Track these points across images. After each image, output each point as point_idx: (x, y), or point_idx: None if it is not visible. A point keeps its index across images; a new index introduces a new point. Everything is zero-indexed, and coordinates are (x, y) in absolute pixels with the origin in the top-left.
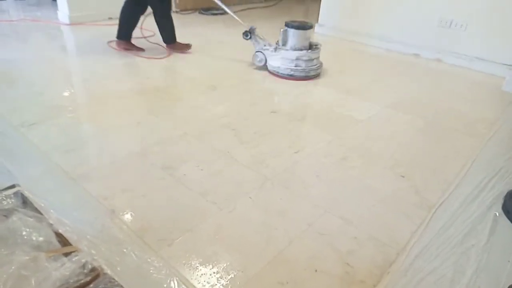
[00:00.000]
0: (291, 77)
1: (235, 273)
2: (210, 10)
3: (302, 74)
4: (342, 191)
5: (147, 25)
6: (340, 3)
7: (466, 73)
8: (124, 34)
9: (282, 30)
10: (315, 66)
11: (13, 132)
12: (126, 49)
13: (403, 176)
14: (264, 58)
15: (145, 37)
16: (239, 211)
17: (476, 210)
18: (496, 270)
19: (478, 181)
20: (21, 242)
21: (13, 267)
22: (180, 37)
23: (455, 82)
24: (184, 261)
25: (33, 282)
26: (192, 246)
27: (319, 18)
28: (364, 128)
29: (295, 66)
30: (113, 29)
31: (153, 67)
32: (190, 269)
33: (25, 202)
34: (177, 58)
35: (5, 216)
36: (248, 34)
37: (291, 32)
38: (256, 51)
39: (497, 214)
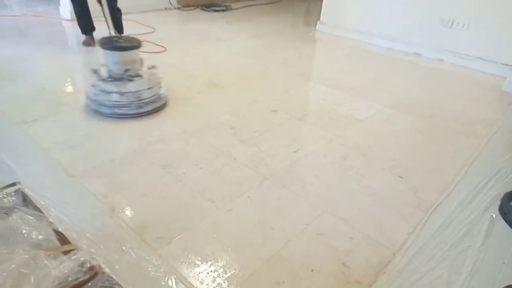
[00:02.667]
0: (89, 105)
1: (232, 272)
2: (211, 6)
3: (93, 106)
4: (340, 191)
5: None
6: (342, 1)
7: (467, 73)
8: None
9: None
10: (117, 103)
11: (14, 129)
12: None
13: (401, 177)
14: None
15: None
16: (237, 210)
17: (473, 212)
18: (491, 271)
19: (476, 182)
20: (21, 241)
21: (12, 265)
22: (179, 33)
23: (456, 82)
24: (182, 259)
25: (32, 280)
26: (190, 245)
27: (321, 16)
28: (364, 128)
29: (94, 95)
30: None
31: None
32: (188, 267)
33: (26, 200)
34: (177, 53)
35: (5, 214)
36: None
37: (102, 51)
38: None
39: (494, 216)
